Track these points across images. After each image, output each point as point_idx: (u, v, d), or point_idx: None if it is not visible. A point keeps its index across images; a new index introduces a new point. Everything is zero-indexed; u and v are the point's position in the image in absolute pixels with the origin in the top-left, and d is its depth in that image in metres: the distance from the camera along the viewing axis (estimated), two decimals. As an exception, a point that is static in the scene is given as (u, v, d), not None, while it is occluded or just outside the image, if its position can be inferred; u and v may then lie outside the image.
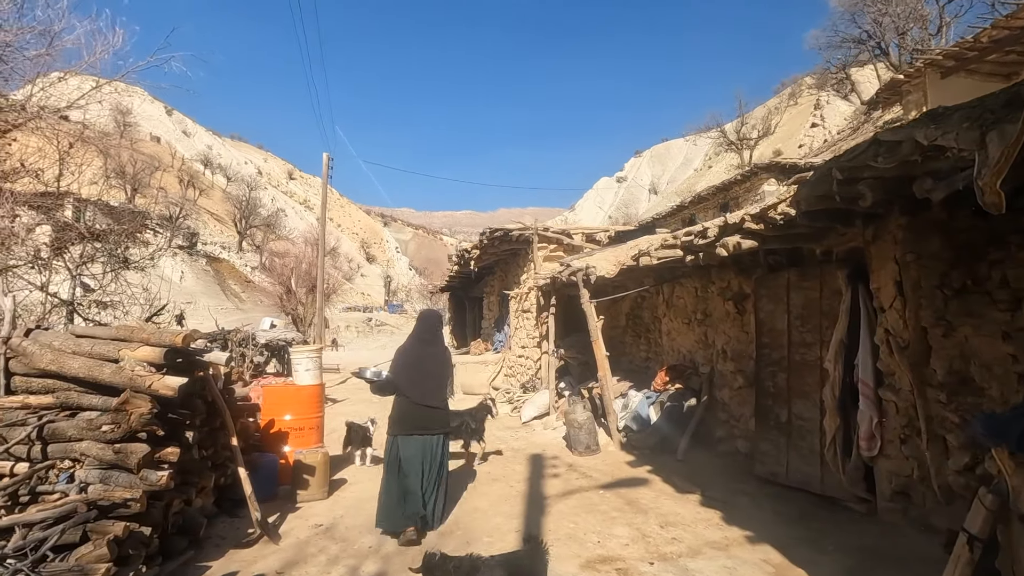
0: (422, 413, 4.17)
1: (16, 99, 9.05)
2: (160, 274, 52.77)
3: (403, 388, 4.23)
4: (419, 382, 4.22)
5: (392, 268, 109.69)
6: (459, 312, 19.33)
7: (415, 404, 4.18)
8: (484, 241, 10.65)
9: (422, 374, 4.26)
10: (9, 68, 9.37)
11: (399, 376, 4.28)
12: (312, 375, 5.70)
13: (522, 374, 10.88)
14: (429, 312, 4.79)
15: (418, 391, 4.20)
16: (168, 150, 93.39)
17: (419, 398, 4.19)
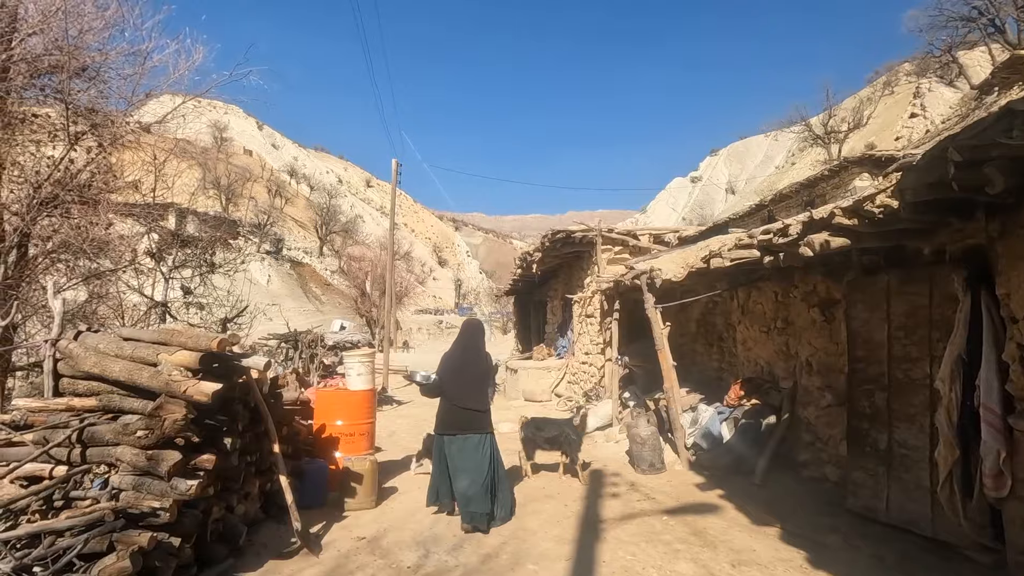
0: (464, 415, 4.48)
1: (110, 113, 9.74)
2: (249, 278, 56.39)
3: (447, 391, 4.56)
4: (462, 386, 4.53)
5: (463, 272, 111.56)
6: (523, 316, 19.08)
7: (457, 406, 4.49)
8: (546, 244, 10.33)
9: (464, 378, 4.56)
10: (107, 87, 10.11)
11: (444, 380, 4.61)
12: (364, 380, 5.60)
13: (585, 382, 10.44)
14: (471, 321, 5.04)
15: (460, 394, 4.51)
16: (259, 162, 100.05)
17: (461, 401, 4.50)
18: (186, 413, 3.04)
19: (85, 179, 11.05)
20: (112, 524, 2.62)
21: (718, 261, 5.50)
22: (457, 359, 4.70)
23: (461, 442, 4.46)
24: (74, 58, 8.81)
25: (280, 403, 4.47)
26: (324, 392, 5.49)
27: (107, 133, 10.13)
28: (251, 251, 58.36)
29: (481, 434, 4.51)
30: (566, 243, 10.17)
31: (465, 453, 4.44)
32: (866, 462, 4.26)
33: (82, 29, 8.90)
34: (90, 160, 10.86)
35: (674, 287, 7.10)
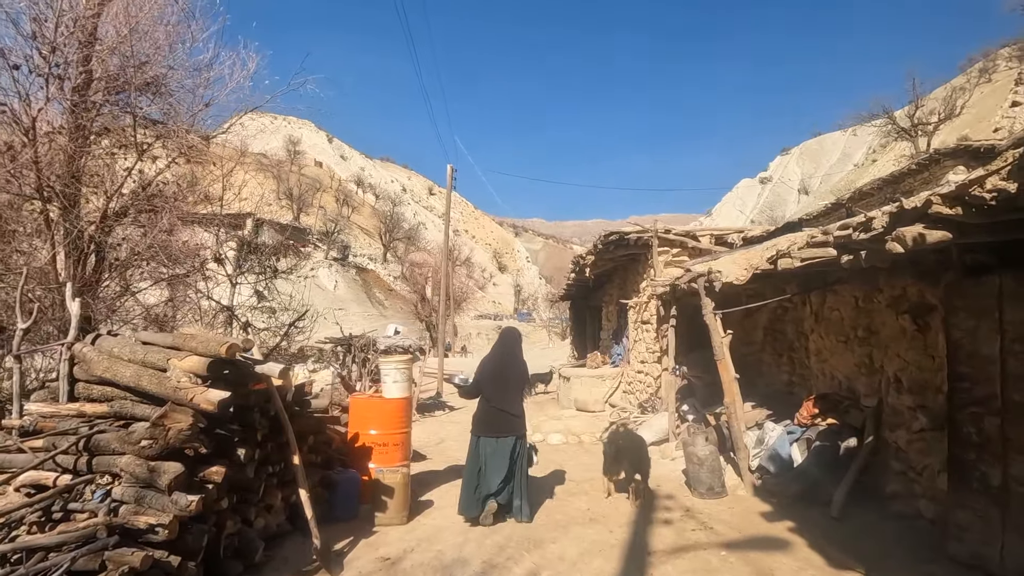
0: (500, 417, 4.72)
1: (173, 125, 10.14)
2: (318, 283, 58.23)
3: (485, 394, 4.82)
4: (499, 390, 4.77)
5: (522, 277, 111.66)
6: (579, 322, 18.54)
7: (494, 408, 4.74)
8: (599, 246, 9.83)
9: (502, 383, 4.79)
10: (173, 99, 10.54)
11: (482, 384, 4.88)
12: (400, 387, 5.36)
13: (641, 392, 9.84)
14: (509, 329, 5.30)
15: (498, 397, 4.75)
16: (328, 173, 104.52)
17: (498, 404, 4.74)
18: (193, 422, 2.86)
19: (155, 189, 11.56)
20: (104, 541, 2.46)
21: (787, 262, 4.88)
22: (495, 365, 4.93)
23: (495, 443, 4.67)
24: (143, 73, 9.21)
25: (307, 411, 4.29)
26: (358, 399, 5.30)
27: (172, 144, 10.56)
28: (320, 258, 61.04)
29: (515, 436, 4.73)
30: (620, 245, 9.64)
31: (499, 454, 4.64)
32: (973, 501, 3.55)
33: (153, 45, 9.30)
34: (159, 171, 11.34)
35: (737, 291, 6.46)
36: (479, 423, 4.80)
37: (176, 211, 11.40)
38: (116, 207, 10.52)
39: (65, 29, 8.45)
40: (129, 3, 8.97)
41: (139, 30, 8.99)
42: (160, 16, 9.29)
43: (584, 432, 8.91)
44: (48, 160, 9.54)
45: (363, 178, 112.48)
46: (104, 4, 8.88)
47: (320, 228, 68.68)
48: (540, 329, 62.69)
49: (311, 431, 4.27)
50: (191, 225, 12.29)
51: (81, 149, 10.04)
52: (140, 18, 9.07)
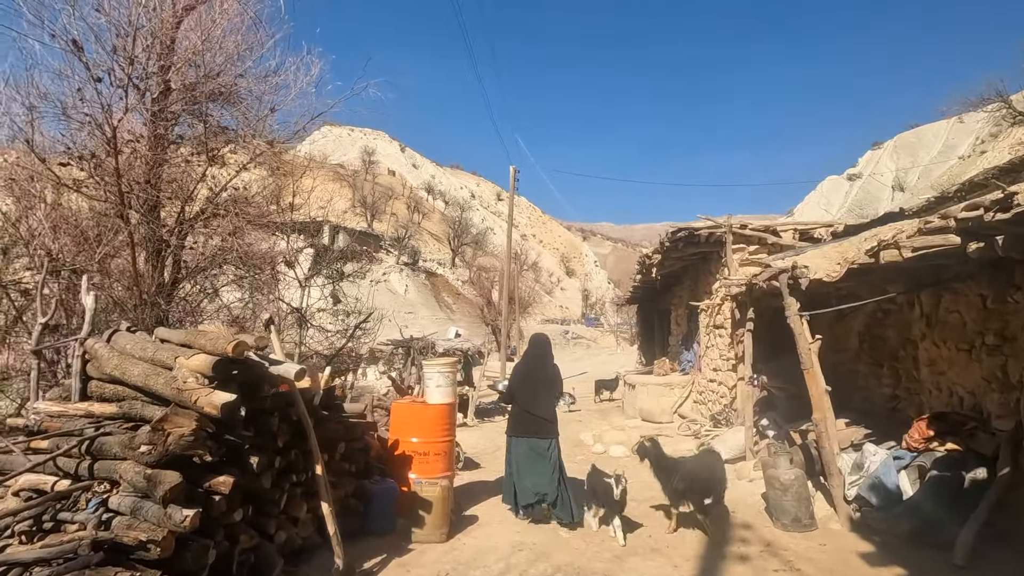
0: (531, 420, 4.87)
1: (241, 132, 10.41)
2: (389, 287, 59.82)
3: (517, 398, 4.97)
4: (528, 394, 4.94)
5: (590, 282, 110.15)
6: (646, 327, 17.61)
7: (526, 412, 4.89)
8: (665, 244, 9.10)
9: (531, 388, 4.96)
10: (243, 106, 10.86)
11: (514, 388, 5.04)
12: (443, 392, 4.98)
13: (713, 403, 8.99)
14: (539, 336, 5.51)
15: (527, 401, 4.91)
16: (400, 181, 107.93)
17: (528, 407, 4.89)
18: (197, 427, 2.59)
19: (228, 195, 11.93)
20: (87, 558, 2.21)
21: (892, 254, 4.08)
22: (525, 370, 5.14)
23: (527, 444, 4.84)
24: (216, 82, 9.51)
25: (338, 416, 4.00)
26: (399, 404, 4.98)
27: (242, 151, 10.87)
28: (391, 263, 62.89)
29: (546, 439, 4.88)
30: (689, 243, 8.87)
31: (531, 455, 4.80)
32: None
33: (224, 55, 9.60)
34: (231, 177, 11.68)
35: (826, 291, 5.62)
36: (512, 425, 5.03)
37: (246, 216, 11.73)
38: (192, 212, 10.93)
39: (143, 42, 8.79)
40: (203, 16, 9.28)
41: (212, 40, 9.27)
42: (230, 26, 9.55)
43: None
44: (128, 166, 10.03)
45: (433, 185, 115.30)
46: (182, 18, 9.21)
47: (392, 234, 70.84)
48: (608, 334, 61.30)
49: (342, 438, 3.97)
50: (262, 229, 12.66)
51: (160, 157, 10.49)
52: (213, 30, 9.36)
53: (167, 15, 9.12)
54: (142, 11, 8.82)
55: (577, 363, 38.84)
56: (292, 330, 14.63)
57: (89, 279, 3.66)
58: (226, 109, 10.78)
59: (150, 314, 10.40)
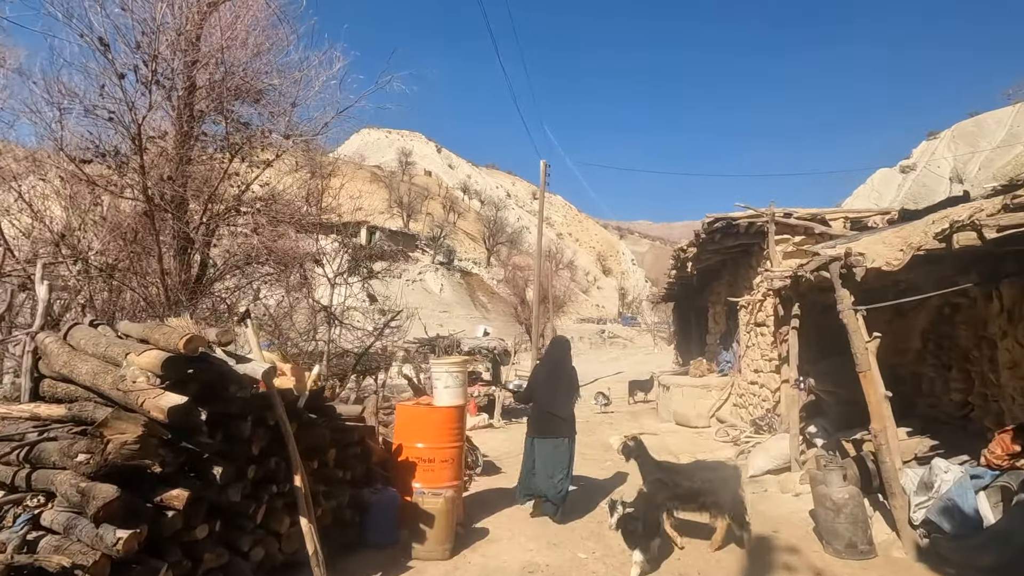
0: (549, 419, 5.01)
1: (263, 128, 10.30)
2: (425, 286, 60.22)
3: (536, 398, 5.14)
4: (549, 394, 5.07)
5: (627, 280, 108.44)
6: (682, 325, 16.83)
7: (546, 412, 5.02)
8: (701, 236, 8.46)
9: (551, 388, 5.08)
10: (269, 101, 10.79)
11: (535, 389, 5.20)
12: (452, 394, 4.58)
13: (755, 407, 8.32)
14: (559, 338, 5.84)
15: (548, 401, 5.05)
16: (436, 181, 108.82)
17: (549, 407, 5.03)
18: (143, 433, 2.26)
19: (255, 193, 11.84)
20: (-4, 587, 1.89)
21: (968, 236, 3.46)
22: (546, 371, 5.25)
23: (547, 443, 4.98)
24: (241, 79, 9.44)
25: (328, 420, 3.64)
26: (404, 407, 4.59)
27: (263, 148, 10.79)
28: (427, 262, 63.27)
29: (563, 438, 5.03)
30: (728, 234, 8.22)
31: (551, 453, 4.94)
32: None
33: (249, 52, 9.51)
34: (256, 175, 11.57)
35: (883, 283, 4.97)
36: (532, 425, 5.16)
37: (270, 213, 11.63)
38: (219, 210, 10.87)
39: (168, 39, 8.73)
40: (227, 12, 9.18)
41: (235, 37, 9.16)
42: (254, 23, 9.46)
43: (683, 452, 7.60)
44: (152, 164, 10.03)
45: (469, 185, 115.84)
46: (207, 15, 9.12)
47: (427, 234, 71.39)
48: (644, 333, 60.02)
49: (334, 443, 3.61)
50: (291, 227, 12.59)
51: (185, 154, 10.46)
52: (237, 26, 9.25)
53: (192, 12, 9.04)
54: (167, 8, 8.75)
55: (613, 363, 37.98)
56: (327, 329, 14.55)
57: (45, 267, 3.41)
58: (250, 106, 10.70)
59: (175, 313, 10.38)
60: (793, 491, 5.49)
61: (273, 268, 12.44)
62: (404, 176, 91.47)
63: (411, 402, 4.74)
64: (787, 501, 5.38)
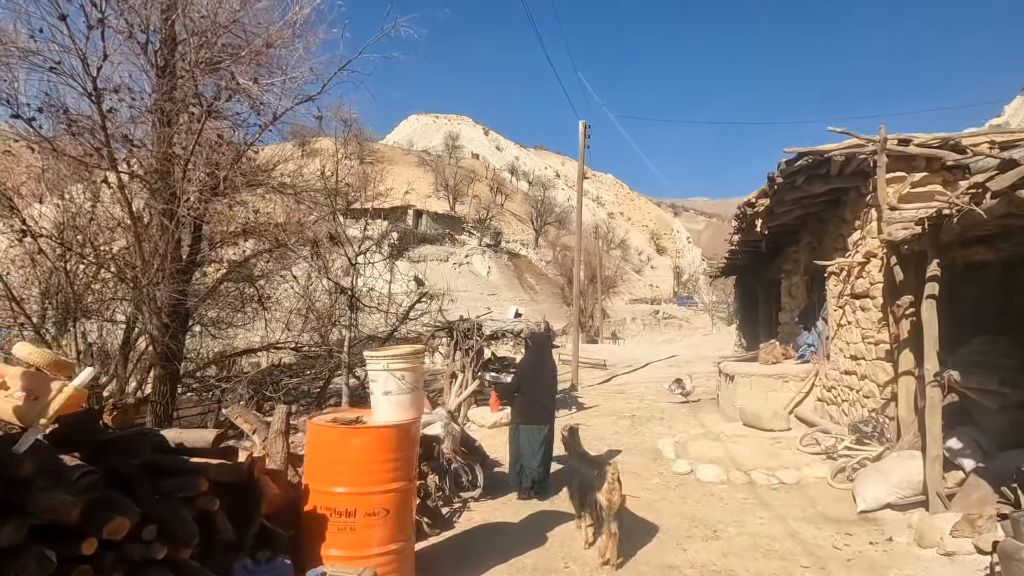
0: (538, 408, 5.39)
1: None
2: (472, 269, 59.49)
3: (524, 388, 5.48)
4: (536, 385, 5.46)
5: (682, 259, 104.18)
6: (747, 302, 14.56)
7: (535, 401, 5.39)
8: (777, 182, 6.40)
9: (538, 379, 5.49)
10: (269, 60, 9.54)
11: (523, 380, 5.53)
12: (396, 404, 2.94)
13: (853, 403, 6.29)
14: (540, 335, 6.71)
15: (537, 391, 5.44)
16: (483, 163, 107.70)
17: (538, 397, 5.42)
18: None
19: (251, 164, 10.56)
20: None
21: None
22: (534, 364, 5.60)
23: (536, 431, 5.28)
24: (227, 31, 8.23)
25: (129, 451, 2.08)
26: (315, 426, 2.95)
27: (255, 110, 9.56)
28: (473, 245, 62.26)
29: (548, 424, 5.41)
30: (813, 176, 6.15)
31: (535, 438, 5.25)
32: None
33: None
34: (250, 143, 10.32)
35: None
36: (519, 413, 5.45)
37: (257, 182, 10.38)
38: (204, 179, 9.67)
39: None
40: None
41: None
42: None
43: (757, 465, 5.71)
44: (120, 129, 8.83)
45: (516, 166, 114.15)
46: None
47: (474, 216, 70.45)
48: (701, 313, 56.78)
49: (145, 501, 2.05)
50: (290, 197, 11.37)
51: (166, 117, 9.23)
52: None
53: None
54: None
55: (669, 345, 35.57)
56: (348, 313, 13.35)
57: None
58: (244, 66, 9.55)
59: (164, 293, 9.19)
60: (940, 546, 3.57)
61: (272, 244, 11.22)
62: (451, 159, 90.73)
63: (328, 417, 3.09)
64: (931, 563, 3.47)
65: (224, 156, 9.79)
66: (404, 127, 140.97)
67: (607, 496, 3.51)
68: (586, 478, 3.89)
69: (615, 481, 3.53)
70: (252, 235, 11.03)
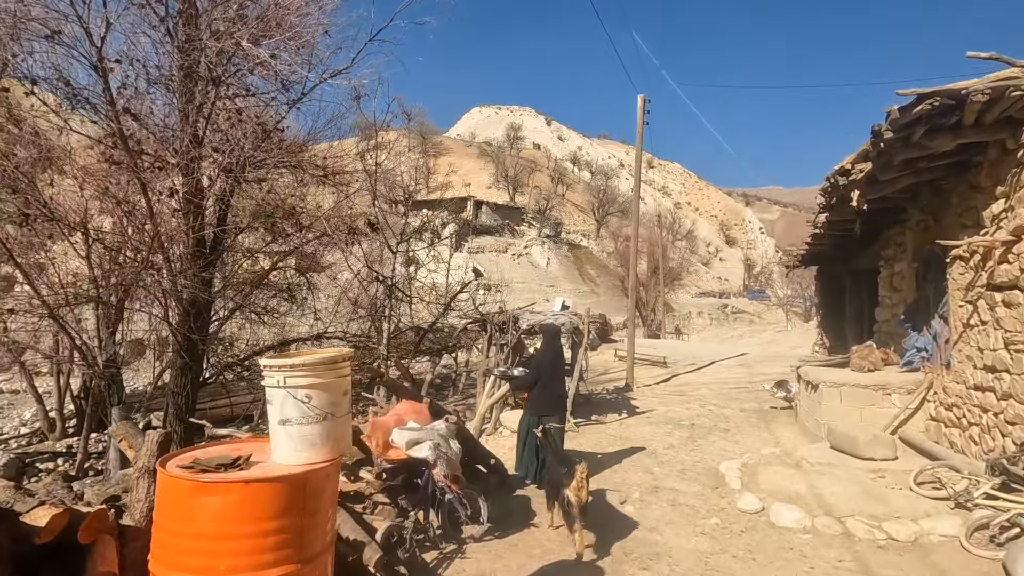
0: (556, 400, 5.55)
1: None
2: (531, 260, 58.70)
3: (543, 381, 5.48)
4: (555, 377, 5.57)
5: (754, 250, 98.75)
6: (830, 296, 12.60)
7: (553, 394, 5.51)
8: (885, 137, 4.85)
9: (556, 372, 5.63)
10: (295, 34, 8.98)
11: (544, 371, 5.51)
12: (296, 440, 1.92)
13: (988, 429, 4.71)
14: (552, 326, 6.62)
15: (555, 384, 5.57)
16: (544, 154, 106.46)
17: (556, 389, 5.58)
18: None
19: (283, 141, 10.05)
20: None
21: None
22: (551, 357, 5.67)
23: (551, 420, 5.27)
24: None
25: None
26: (161, 476, 1.89)
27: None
28: (533, 235, 61.29)
29: (564, 412, 5.83)
30: (937, 128, 4.60)
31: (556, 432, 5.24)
32: None
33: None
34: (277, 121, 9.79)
35: None
36: (538, 406, 5.49)
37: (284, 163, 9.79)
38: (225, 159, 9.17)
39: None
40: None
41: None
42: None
43: (854, 510, 4.29)
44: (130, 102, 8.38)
45: (579, 156, 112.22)
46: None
47: (534, 207, 69.56)
48: (774, 308, 53.12)
49: None
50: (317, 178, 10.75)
51: (187, 94, 8.74)
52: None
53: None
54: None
55: (739, 341, 33.11)
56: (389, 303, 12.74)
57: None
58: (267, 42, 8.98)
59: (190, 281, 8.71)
60: None
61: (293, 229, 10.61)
62: (511, 150, 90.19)
63: (188, 457, 2.04)
64: None
65: (247, 133, 9.16)
66: (467, 119, 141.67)
67: (575, 493, 3.74)
68: (556, 475, 4.11)
69: (583, 480, 3.77)
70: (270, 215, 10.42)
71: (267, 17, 8.63)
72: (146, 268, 8.06)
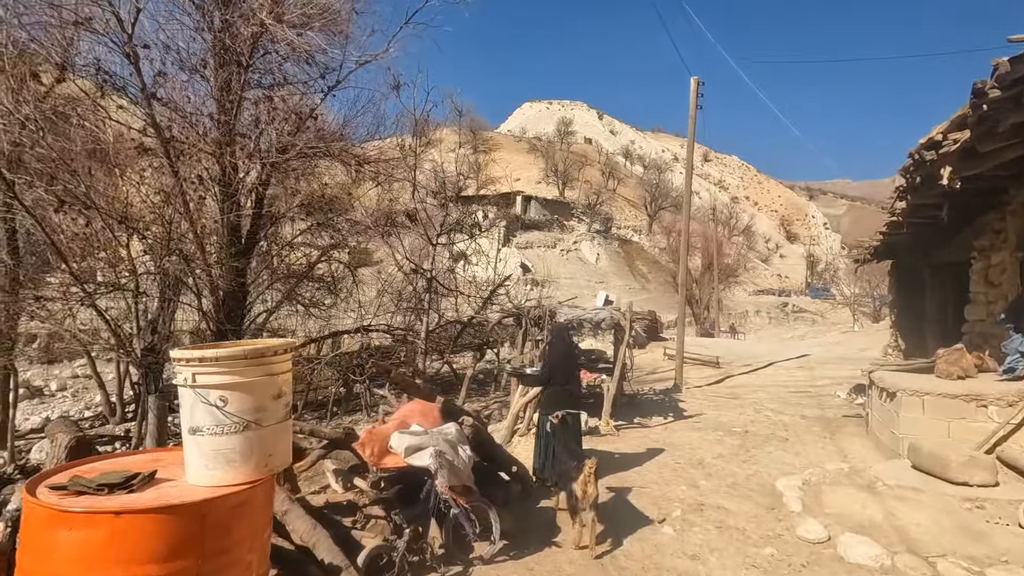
0: (570, 398, 5.34)
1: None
2: (581, 256, 57.88)
3: (556, 380, 5.41)
4: (568, 375, 5.49)
5: (817, 246, 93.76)
6: (909, 293, 11.32)
7: (567, 392, 5.36)
8: (990, 97, 3.97)
9: (568, 369, 5.54)
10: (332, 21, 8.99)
11: (557, 369, 5.45)
12: (208, 454, 1.48)
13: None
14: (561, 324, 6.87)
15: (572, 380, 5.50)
16: (595, 148, 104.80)
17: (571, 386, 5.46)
18: None
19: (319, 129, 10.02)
20: None
21: None
22: (564, 355, 5.58)
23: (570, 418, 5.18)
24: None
25: None
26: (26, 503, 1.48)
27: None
28: (582, 231, 60.33)
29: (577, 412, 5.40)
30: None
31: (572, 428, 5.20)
32: None
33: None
34: (312, 108, 9.76)
35: None
36: (554, 405, 5.29)
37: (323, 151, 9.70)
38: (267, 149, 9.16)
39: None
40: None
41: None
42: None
43: (946, 550, 3.52)
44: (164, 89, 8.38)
45: (631, 150, 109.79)
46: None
47: (584, 202, 68.56)
48: (840, 307, 49.95)
49: None
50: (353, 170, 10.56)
51: (224, 82, 8.74)
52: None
53: None
54: None
55: (800, 341, 31.04)
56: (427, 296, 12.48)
57: None
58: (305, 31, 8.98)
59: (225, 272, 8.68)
60: None
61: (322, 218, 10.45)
62: (561, 145, 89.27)
63: (67, 475, 1.64)
64: None
65: (283, 119, 9.03)
66: (518, 115, 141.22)
67: (582, 488, 3.73)
68: (566, 467, 4.11)
69: (591, 475, 3.74)
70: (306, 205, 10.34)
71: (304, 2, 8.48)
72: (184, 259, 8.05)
